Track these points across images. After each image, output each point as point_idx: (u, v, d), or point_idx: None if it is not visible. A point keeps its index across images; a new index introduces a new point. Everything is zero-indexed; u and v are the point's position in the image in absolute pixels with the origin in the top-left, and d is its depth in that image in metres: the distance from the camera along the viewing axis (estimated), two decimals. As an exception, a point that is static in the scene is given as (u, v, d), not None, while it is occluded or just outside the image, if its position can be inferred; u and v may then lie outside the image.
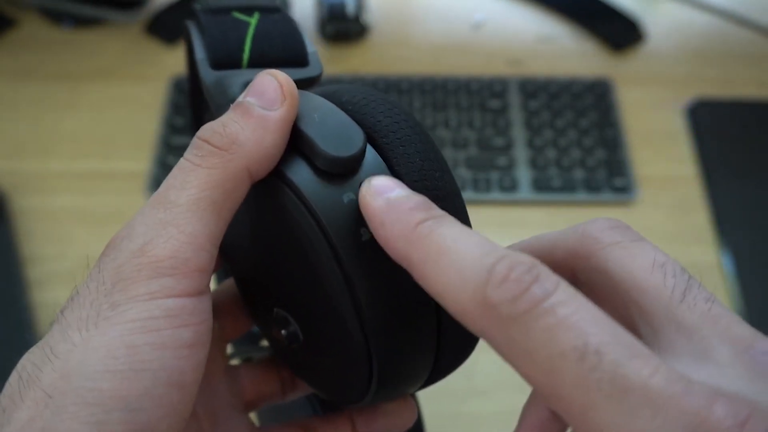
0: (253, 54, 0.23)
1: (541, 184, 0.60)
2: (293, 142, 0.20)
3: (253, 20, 0.23)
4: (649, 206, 0.60)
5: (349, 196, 0.19)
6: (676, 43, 0.72)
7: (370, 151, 0.20)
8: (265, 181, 0.20)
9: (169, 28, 0.71)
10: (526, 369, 0.15)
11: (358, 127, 0.20)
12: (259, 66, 0.23)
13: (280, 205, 0.19)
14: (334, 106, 0.20)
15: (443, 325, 0.20)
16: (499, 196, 0.59)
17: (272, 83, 0.20)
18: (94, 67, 0.68)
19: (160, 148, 0.61)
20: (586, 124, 0.63)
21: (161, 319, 0.17)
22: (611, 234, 0.18)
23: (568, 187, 0.60)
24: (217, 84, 0.22)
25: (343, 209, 0.19)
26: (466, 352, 0.22)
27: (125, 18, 0.71)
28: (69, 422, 0.16)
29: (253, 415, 0.27)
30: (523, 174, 0.60)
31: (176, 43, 0.70)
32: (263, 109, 0.19)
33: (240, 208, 0.20)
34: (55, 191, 0.59)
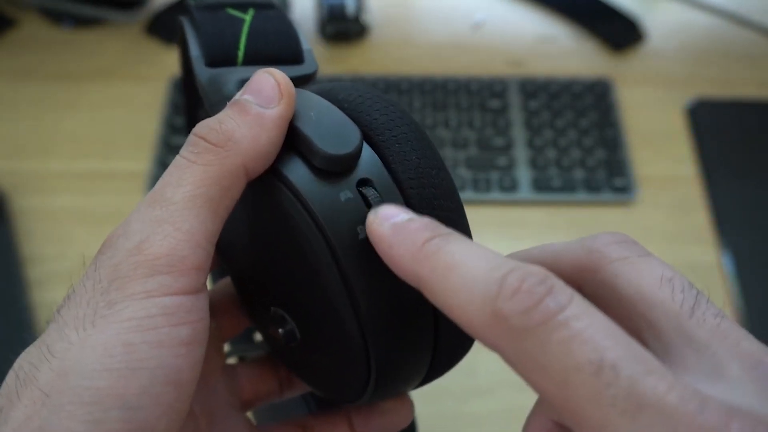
0: (248, 51, 0.23)
1: (541, 184, 0.60)
2: (290, 140, 0.19)
3: (248, 17, 0.23)
4: (649, 206, 0.60)
5: (346, 194, 0.19)
6: (676, 43, 0.72)
7: (366, 149, 0.20)
8: (262, 179, 0.19)
9: (169, 28, 0.71)
10: (539, 382, 0.15)
11: (355, 125, 0.20)
12: (254, 63, 0.23)
13: (277, 203, 0.19)
14: (330, 104, 0.20)
15: (440, 322, 0.20)
16: (499, 196, 0.59)
17: (269, 81, 0.20)
18: (94, 67, 0.68)
19: (160, 148, 0.61)
20: (586, 124, 0.63)
21: (158, 317, 0.17)
22: (618, 249, 0.18)
23: (568, 187, 0.60)
24: (211, 81, 0.22)
25: (340, 207, 0.19)
26: (463, 350, 0.22)
27: (125, 18, 0.71)
28: (66, 421, 0.16)
29: (250, 414, 0.27)
30: (523, 174, 0.60)
31: (176, 43, 0.70)
32: (260, 107, 0.19)
33: (237, 206, 0.19)
34: (55, 191, 0.59)
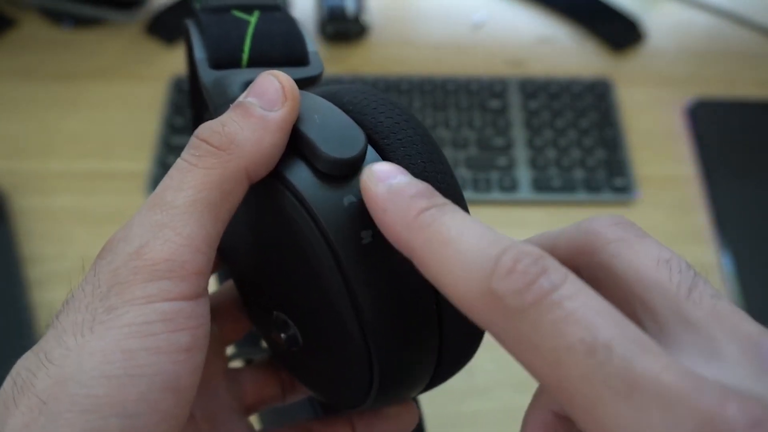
0: (253, 53, 0.22)
1: (541, 184, 0.60)
2: (293, 144, 0.19)
3: (253, 19, 0.23)
4: (649, 206, 0.60)
5: (350, 198, 0.19)
6: (676, 43, 0.72)
7: (371, 153, 0.20)
8: (265, 183, 0.19)
9: (169, 28, 0.71)
10: (532, 362, 0.15)
11: (359, 129, 0.20)
12: (259, 65, 0.23)
13: (280, 208, 0.19)
14: (335, 107, 0.20)
15: (445, 329, 0.20)
16: (499, 196, 0.59)
17: (273, 84, 0.19)
18: (94, 67, 0.68)
19: (160, 148, 0.61)
20: (586, 124, 0.63)
21: (157, 323, 0.17)
22: (615, 230, 0.18)
23: (568, 187, 0.60)
24: (216, 84, 0.22)
25: (343, 212, 0.18)
26: (467, 356, 0.22)
27: (125, 18, 0.71)
28: (64, 429, 0.15)
29: (254, 417, 0.27)
30: (523, 174, 0.60)
31: (176, 43, 0.70)
32: (264, 110, 0.19)
33: (239, 209, 0.19)
34: (55, 191, 0.59)
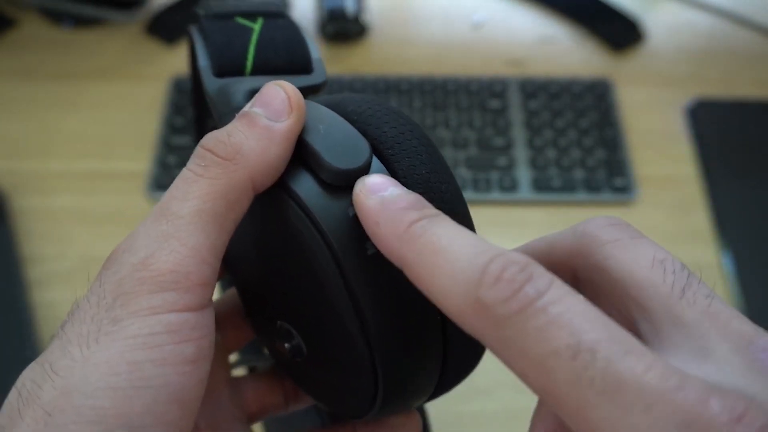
0: (257, 61, 0.22)
1: (541, 184, 0.60)
2: (298, 154, 0.19)
3: (257, 26, 0.23)
4: (649, 206, 0.60)
5: (354, 209, 0.19)
6: (676, 43, 0.72)
7: (375, 163, 0.20)
8: (270, 193, 0.19)
9: (169, 28, 0.71)
10: (521, 369, 0.15)
11: (364, 140, 0.20)
12: (263, 73, 0.22)
13: (284, 218, 0.19)
14: (339, 118, 0.20)
15: (449, 339, 0.20)
16: (499, 196, 0.59)
17: (279, 94, 0.19)
18: (94, 67, 0.68)
19: (160, 148, 0.61)
20: (586, 124, 0.63)
21: (163, 335, 0.17)
22: (610, 231, 0.18)
23: (568, 187, 0.60)
24: (220, 92, 0.22)
25: (348, 222, 0.18)
26: (471, 366, 0.22)
27: (125, 18, 0.71)
28: None
29: (257, 426, 0.27)
30: (523, 174, 0.60)
31: (176, 43, 0.70)
32: (269, 120, 0.19)
33: (244, 219, 0.19)
34: (55, 191, 0.59)
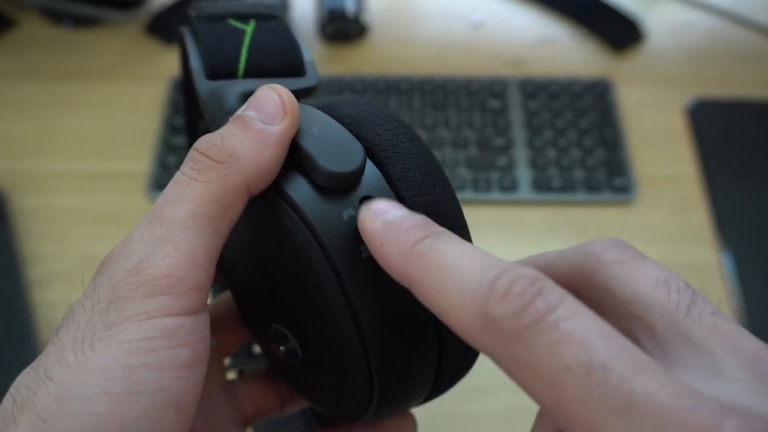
0: (249, 64, 0.22)
1: (541, 184, 0.60)
2: (292, 157, 0.19)
3: (249, 28, 0.23)
4: (649, 206, 0.60)
5: (349, 212, 0.19)
6: (676, 43, 0.72)
7: (369, 166, 0.20)
8: (264, 197, 0.19)
9: (169, 28, 0.71)
10: (531, 385, 0.15)
11: (358, 143, 0.20)
12: (256, 76, 0.22)
13: (279, 221, 0.19)
14: (333, 121, 0.20)
15: (444, 341, 0.20)
16: (499, 196, 0.59)
17: (273, 97, 0.19)
18: (94, 67, 0.68)
19: (160, 148, 0.61)
20: (586, 124, 0.63)
21: (158, 339, 0.17)
22: (614, 252, 0.18)
23: (568, 187, 0.60)
24: (212, 95, 0.22)
25: (342, 226, 0.18)
26: (466, 368, 0.22)
27: (125, 18, 0.71)
28: None
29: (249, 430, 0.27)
30: (523, 174, 0.60)
31: (176, 43, 0.70)
32: (263, 124, 0.19)
33: (238, 222, 0.19)
34: (55, 191, 0.59)
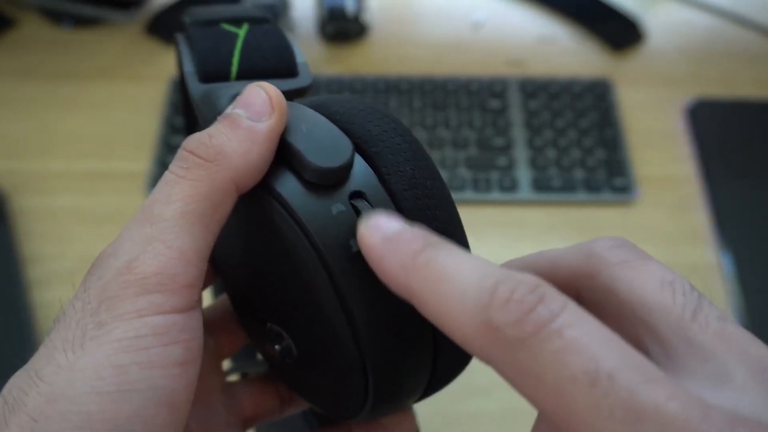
0: (242, 66, 0.22)
1: (541, 184, 0.60)
2: (281, 154, 0.19)
3: (242, 32, 0.23)
4: (649, 206, 0.60)
5: (338, 207, 0.19)
6: (676, 43, 0.72)
7: (359, 161, 0.20)
8: (253, 194, 0.19)
9: (169, 28, 0.71)
10: (534, 394, 0.15)
11: (346, 138, 0.20)
12: (248, 78, 0.22)
13: (269, 219, 0.19)
14: (321, 117, 0.20)
15: (439, 336, 0.20)
16: (499, 196, 0.59)
17: (261, 95, 0.19)
18: (94, 67, 0.68)
19: (160, 148, 0.61)
20: (586, 124, 0.63)
21: (149, 338, 0.17)
22: (618, 253, 0.18)
23: (568, 187, 0.60)
24: (205, 97, 0.22)
25: (332, 221, 0.18)
26: (462, 363, 0.22)
27: (125, 18, 0.71)
28: None
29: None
30: (523, 174, 0.60)
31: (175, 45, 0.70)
32: (251, 121, 0.19)
33: (230, 221, 0.19)
34: (55, 191, 0.59)
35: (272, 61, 0.23)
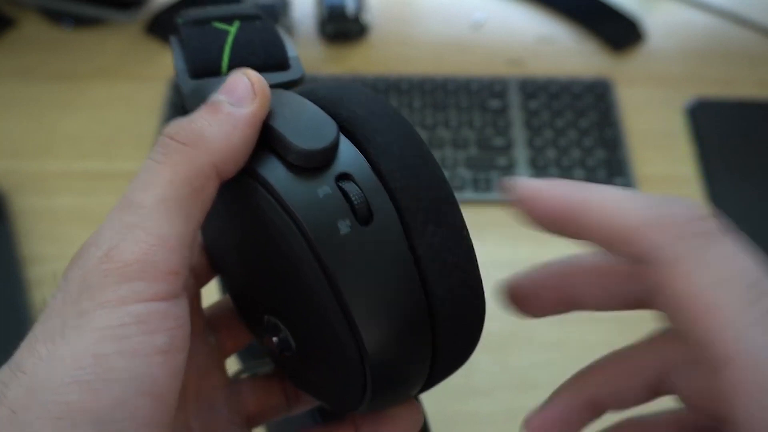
0: (233, 61, 0.22)
1: (541, 184, 0.60)
2: (265, 139, 0.19)
3: (233, 28, 0.23)
4: (649, 206, 0.60)
5: (324, 189, 0.18)
6: (676, 43, 0.72)
7: (345, 143, 0.19)
8: (239, 182, 0.19)
9: (169, 29, 0.71)
10: (687, 287, 0.16)
11: (331, 120, 0.19)
12: None
13: (255, 206, 0.19)
14: (305, 101, 0.20)
15: (438, 322, 0.19)
16: (499, 196, 0.59)
17: (243, 81, 0.19)
18: (94, 67, 0.68)
19: (160, 148, 0.61)
20: (586, 124, 0.63)
21: (131, 326, 0.16)
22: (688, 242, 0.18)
23: (568, 187, 0.59)
24: (194, 92, 0.22)
25: (318, 204, 0.18)
26: (465, 352, 0.21)
27: (125, 18, 0.71)
28: None
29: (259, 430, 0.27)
30: (523, 174, 0.60)
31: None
32: (233, 106, 0.19)
33: (220, 213, 0.19)
34: (55, 191, 0.59)
35: (263, 56, 0.23)
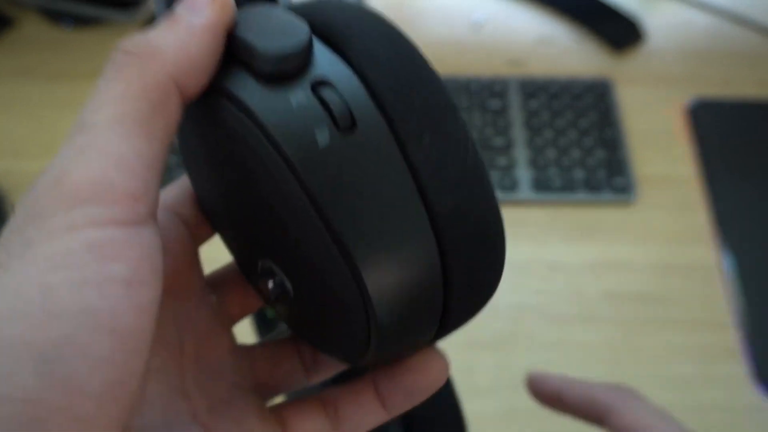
0: None
1: (541, 184, 0.60)
2: (232, 52, 0.17)
3: None
4: (649, 206, 0.60)
5: (299, 98, 0.16)
6: (676, 43, 0.72)
7: (321, 49, 0.17)
8: (209, 104, 0.17)
9: (169, 28, 0.71)
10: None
11: (302, 22, 0.17)
12: None
13: (226, 125, 0.17)
14: (275, 9, 0.18)
15: (449, 249, 0.17)
16: (499, 195, 0.59)
17: None
18: (94, 67, 0.68)
19: (160, 148, 0.61)
20: (586, 124, 0.63)
21: (83, 253, 0.14)
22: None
23: (568, 187, 0.60)
24: (165, 17, 0.20)
25: (292, 114, 0.16)
26: (487, 279, 0.18)
27: (125, 18, 0.71)
28: None
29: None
30: (523, 174, 0.60)
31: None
32: (190, 16, 0.17)
33: (202, 151, 0.17)
34: (55, 191, 0.59)
35: None
